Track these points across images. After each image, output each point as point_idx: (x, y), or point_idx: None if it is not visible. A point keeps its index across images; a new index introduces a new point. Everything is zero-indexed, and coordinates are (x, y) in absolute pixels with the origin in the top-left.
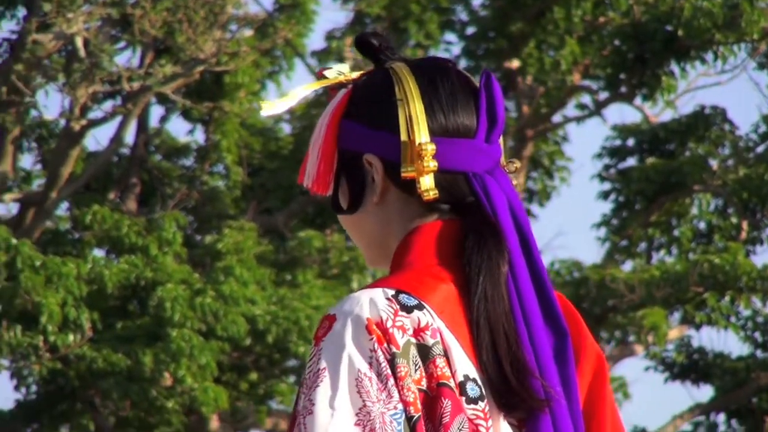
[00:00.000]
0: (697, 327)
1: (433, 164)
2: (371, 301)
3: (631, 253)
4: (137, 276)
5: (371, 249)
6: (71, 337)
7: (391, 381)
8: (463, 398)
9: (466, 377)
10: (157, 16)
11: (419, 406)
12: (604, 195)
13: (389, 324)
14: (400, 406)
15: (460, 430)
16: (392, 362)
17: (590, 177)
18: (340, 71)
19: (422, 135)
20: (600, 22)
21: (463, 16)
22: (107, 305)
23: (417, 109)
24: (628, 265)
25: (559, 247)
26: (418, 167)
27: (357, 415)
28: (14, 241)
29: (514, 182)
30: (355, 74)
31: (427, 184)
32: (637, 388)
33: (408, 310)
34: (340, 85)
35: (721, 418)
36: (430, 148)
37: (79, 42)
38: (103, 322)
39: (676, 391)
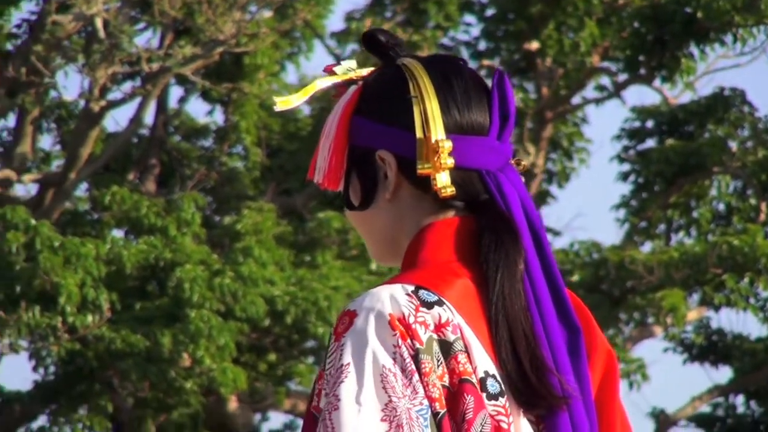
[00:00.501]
0: (716, 308)
1: (450, 161)
2: (392, 297)
3: (650, 235)
4: (156, 257)
5: (381, 245)
6: (90, 318)
7: (416, 377)
8: (484, 394)
9: (486, 373)
10: None
11: (444, 402)
12: (624, 176)
13: (411, 320)
14: (425, 402)
15: (483, 426)
16: (416, 358)
17: (609, 158)
18: (350, 68)
19: (438, 132)
20: (619, 3)
21: None
22: (126, 286)
23: (433, 105)
24: (647, 247)
25: (578, 228)
26: (435, 164)
27: (383, 410)
28: (33, 221)
29: (536, 163)
30: (365, 71)
31: (443, 181)
32: (656, 369)
33: (428, 306)
34: (349, 82)
35: (740, 399)
36: (447, 145)
37: (98, 23)
38: (121, 302)
39: (694, 373)
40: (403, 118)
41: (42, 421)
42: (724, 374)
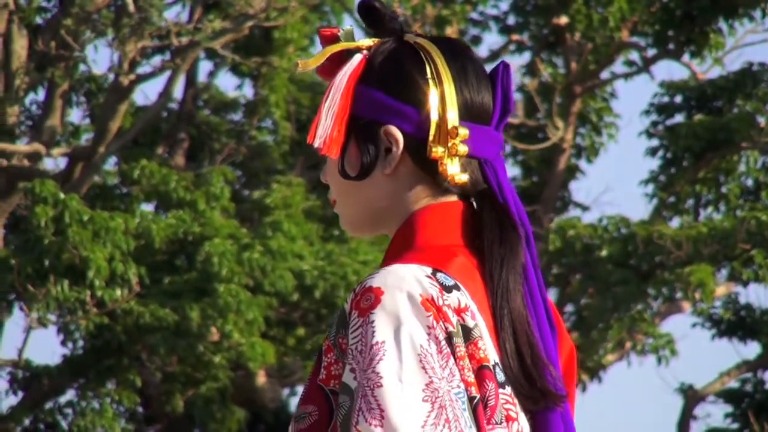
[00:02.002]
0: (745, 284)
1: (463, 148)
2: (415, 278)
3: (679, 210)
4: (185, 231)
5: (364, 216)
6: (118, 292)
7: (452, 360)
8: (497, 382)
9: (495, 362)
10: None
11: (477, 387)
12: (652, 151)
13: (440, 302)
14: (462, 385)
15: (501, 413)
16: (450, 341)
17: (638, 133)
18: (349, 35)
19: (454, 117)
20: None
21: None
22: (155, 260)
23: (449, 90)
24: (675, 222)
25: (606, 203)
26: (449, 149)
27: (424, 391)
28: (62, 195)
29: (565, 137)
30: (369, 41)
31: (455, 166)
32: (684, 344)
33: (448, 289)
34: (351, 51)
35: None
36: (463, 132)
37: None
38: (150, 277)
39: (723, 348)
40: (417, 97)
41: (70, 395)
42: (752, 350)
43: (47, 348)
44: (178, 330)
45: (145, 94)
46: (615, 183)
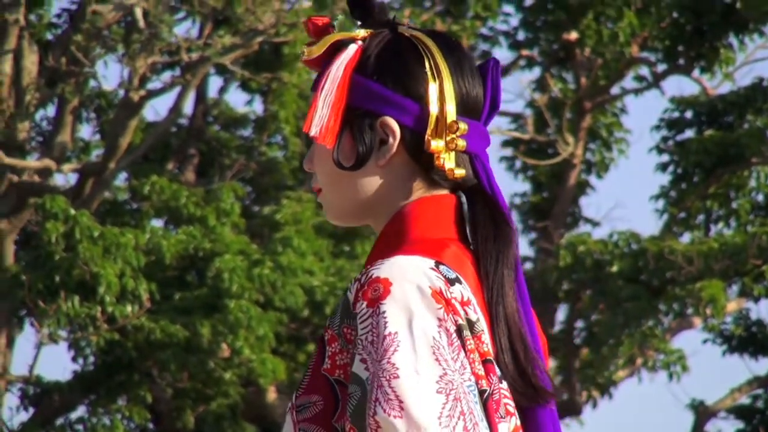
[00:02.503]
0: (756, 299)
1: (462, 143)
2: (422, 270)
3: (690, 225)
4: (195, 247)
5: (353, 207)
6: (129, 308)
7: (462, 353)
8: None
9: (494, 357)
10: None
11: (488, 380)
12: (663, 167)
13: (447, 295)
14: (473, 378)
15: (503, 408)
16: (460, 333)
17: (648, 149)
18: (343, 24)
19: (453, 111)
20: None
21: None
22: (165, 276)
23: (449, 84)
24: (686, 237)
25: (617, 218)
26: (448, 143)
27: (438, 382)
28: (73, 211)
29: (575, 153)
30: (362, 32)
31: (452, 161)
32: (695, 360)
33: (451, 282)
34: (344, 40)
35: None
36: (463, 126)
37: (138, 13)
38: (160, 293)
39: (734, 364)
40: (416, 90)
41: (81, 411)
42: (763, 366)
43: (58, 364)
44: (188, 346)
45: (155, 109)
46: (625, 198)
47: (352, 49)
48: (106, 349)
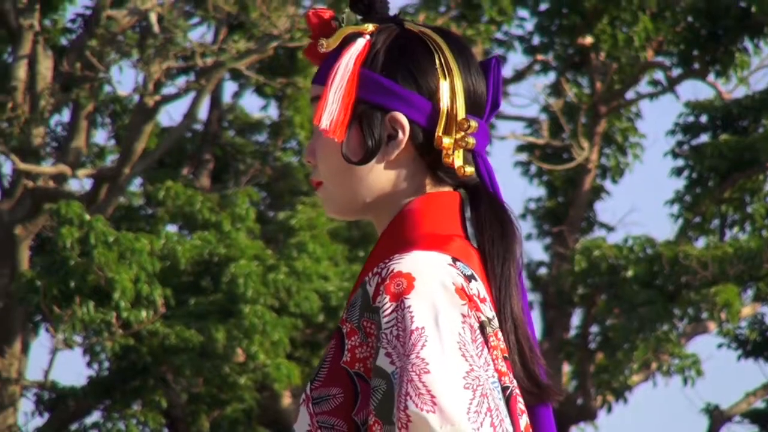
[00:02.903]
0: None
1: (472, 141)
2: (441, 265)
3: (704, 230)
4: (210, 252)
5: (355, 201)
6: (144, 314)
7: (486, 349)
8: None
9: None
10: None
11: (509, 377)
12: (677, 171)
13: (469, 291)
14: (496, 375)
15: (519, 405)
16: (483, 330)
17: (663, 153)
18: (351, 18)
19: (463, 110)
20: None
21: None
22: (180, 281)
23: (459, 82)
24: (701, 242)
25: (632, 223)
26: (458, 141)
27: (465, 378)
28: (87, 217)
29: (590, 158)
30: (370, 26)
31: (461, 159)
32: (710, 365)
33: (468, 279)
34: (355, 35)
35: None
36: (474, 124)
37: (153, 17)
38: (175, 298)
39: (749, 369)
40: (427, 86)
41: (96, 416)
42: None
43: (73, 369)
44: (203, 351)
45: (170, 115)
46: (640, 203)
47: (361, 42)
48: (121, 354)
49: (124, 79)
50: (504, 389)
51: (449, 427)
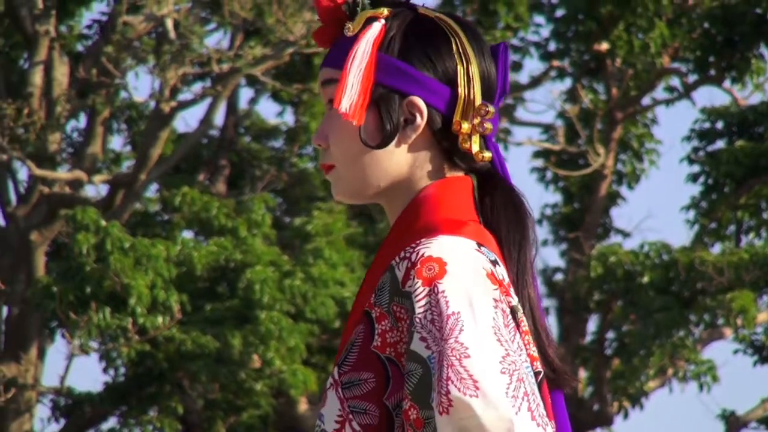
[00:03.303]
0: None
1: (489, 126)
2: (470, 250)
3: (720, 236)
4: (226, 258)
5: (368, 185)
6: (160, 319)
7: (518, 334)
8: None
9: None
10: None
11: (540, 362)
12: (693, 177)
13: (498, 276)
14: (528, 359)
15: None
16: (514, 315)
17: (679, 159)
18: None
19: (480, 96)
20: (689, 4)
21: None
22: (196, 287)
23: (475, 68)
24: (716, 248)
25: (648, 229)
26: (476, 126)
27: (501, 363)
28: (103, 222)
29: (606, 164)
30: (384, 11)
31: (478, 144)
32: (726, 371)
33: (494, 264)
34: (371, 18)
35: None
36: (492, 109)
37: (169, 24)
38: (191, 304)
39: (765, 374)
40: (445, 70)
41: (112, 422)
42: None
43: (89, 375)
44: (219, 357)
45: (186, 121)
46: (656, 209)
47: (377, 26)
48: (137, 360)
49: (140, 85)
50: (536, 374)
51: (492, 411)
